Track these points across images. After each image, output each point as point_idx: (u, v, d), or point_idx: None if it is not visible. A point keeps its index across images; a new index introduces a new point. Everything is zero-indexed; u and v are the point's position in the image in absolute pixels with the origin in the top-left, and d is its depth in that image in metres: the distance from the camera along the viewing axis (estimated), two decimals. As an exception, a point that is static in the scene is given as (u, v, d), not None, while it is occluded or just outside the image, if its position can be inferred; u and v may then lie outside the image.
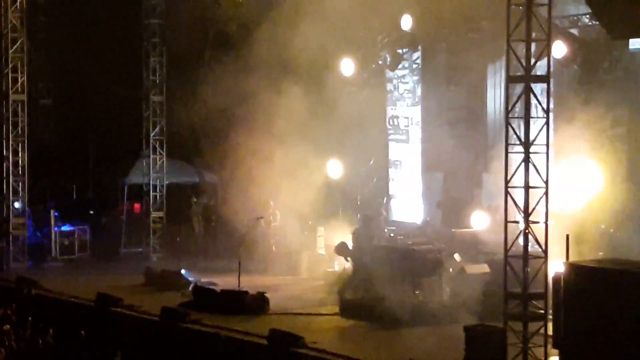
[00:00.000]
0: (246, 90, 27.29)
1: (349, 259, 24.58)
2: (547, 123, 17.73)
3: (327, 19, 25.29)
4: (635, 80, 23.27)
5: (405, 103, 28.81)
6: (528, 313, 17.51)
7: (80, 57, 34.11)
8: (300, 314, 22.33)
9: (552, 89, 18.16)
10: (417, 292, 21.64)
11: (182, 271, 26.18)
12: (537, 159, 17.67)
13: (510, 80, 18.07)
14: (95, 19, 33.85)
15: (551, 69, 18.10)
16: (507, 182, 17.74)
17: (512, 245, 17.68)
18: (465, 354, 17.42)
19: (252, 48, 26.90)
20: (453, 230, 24.84)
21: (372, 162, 29.29)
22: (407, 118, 28.79)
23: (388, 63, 27.60)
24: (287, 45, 25.66)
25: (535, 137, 17.61)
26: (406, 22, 25.79)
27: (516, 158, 17.72)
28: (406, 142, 28.82)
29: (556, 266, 17.66)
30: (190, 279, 25.57)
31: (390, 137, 29.24)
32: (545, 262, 17.57)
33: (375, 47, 27.43)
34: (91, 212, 34.30)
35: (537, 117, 17.78)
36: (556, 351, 17.13)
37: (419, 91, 28.55)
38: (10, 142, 29.63)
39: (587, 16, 23.50)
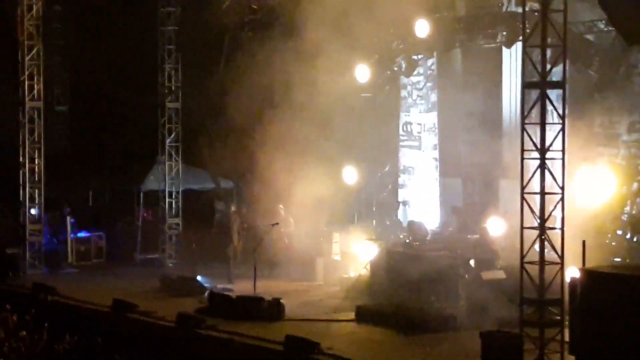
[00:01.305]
0: (261, 97, 27.33)
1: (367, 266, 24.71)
2: (563, 129, 17.71)
3: (341, 25, 25.29)
4: (651, 86, 23.26)
5: (418, 109, 28.78)
6: (544, 319, 17.48)
7: (96, 64, 34.23)
8: (316, 320, 22.33)
9: (567, 95, 18.11)
10: (433, 298, 21.62)
11: (198, 277, 26.24)
12: (553, 165, 17.67)
13: (525, 86, 18.07)
14: (111, 26, 33.96)
15: (567, 75, 18.09)
16: (523, 188, 17.72)
17: (528, 251, 17.66)
18: (482, 360, 17.41)
19: (266, 54, 26.93)
20: (469, 236, 24.81)
21: (387, 168, 29.27)
22: (420, 124, 28.76)
23: (403, 69, 27.58)
24: (302, 52, 25.67)
25: (551, 143, 17.60)
26: (421, 29, 25.76)
27: (533, 164, 17.72)
28: (418, 148, 28.79)
29: (572, 272, 17.65)
30: (205, 285, 25.63)
31: (403, 143, 29.21)
32: (562, 268, 17.54)
33: (390, 54, 27.41)
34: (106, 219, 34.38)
35: (553, 123, 17.76)
36: (572, 357, 17.10)
37: (432, 97, 28.51)
38: (27, 149, 29.73)
39: (603, 22, 23.45)
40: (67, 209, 31.89)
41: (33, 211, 29.86)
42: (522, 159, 17.83)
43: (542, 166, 17.54)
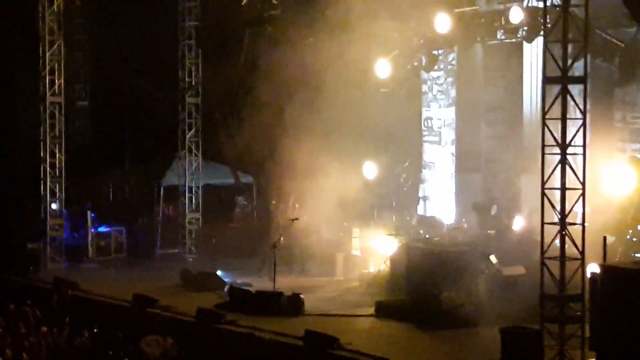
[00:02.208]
0: (281, 92, 27.31)
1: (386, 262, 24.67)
2: (584, 124, 17.65)
3: (361, 20, 25.25)
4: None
5: (439, 104, 28.71)
6: (565, 315, 17.43)
7: (116, 59, 34.28)
8: (336, 315, 22.34)
9: (588, 90, 18.03)
10: (452, 293, 21.54)
11: (218, 272, 26.27)
12: (575, 160, 17.61)
13: (546, 81, 17.99)
14: (132, 21, 33.98)
15: (588, 70, 18.01)
16: (543, 183, 17.66)
17: (548, 247, 17.60)
18: (502, 356, 17.37)
19: (286, 50, 26.90)
20: (489, 231, 24.75)
21: (407, 163, 29.22)
22: (440, 120, 28.69)
23: (423, 64, 27.51)
24: (322, 47, 25.65)
25: (572, 138, 17.53)
26: (442, 24, 25.68)
27: (554, 159, 17.66)
28: (438, 143, 28.73)
29: (593, 268, 17.59)
30: (225, 279, 25.66)
31: (425, 138, 29.14)
32: (582, 263, 17.48)
33: (411, 48, 27.32)
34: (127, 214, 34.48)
35: (575, 118, 17.69)
36: (593, 353, 17.04)
37: (452, 92, 28.42)
38: (48, 144, 29.85)
39: (625, 16, 23.31)
40: (87, 204, 32.01)
41: (54, 206, 29.98)
42: (543, 154, 17.77)
43: (563, 161, 17.48)
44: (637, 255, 21.62)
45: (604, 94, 23.83)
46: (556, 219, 17.58)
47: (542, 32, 18.31)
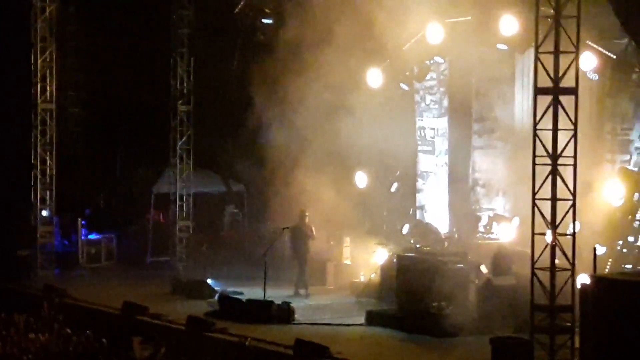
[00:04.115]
0: (272, 100, 27.34)
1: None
2: (575, 135, 17.69)
3: (353, 29, 25.29)
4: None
5: (432, 114, 28.73)
6: (555, 325, 17.45)
7: (109, 66, 34.29)
8: (326, 324, 22.33)
9: (579, 101, 18.07)
10: (443, 303, 21.57)
11: (208, 280, 26.26)
12: (565, 171, 17.64)
13: (538, 92, 18.03)
14: (125, 28, 34.00)
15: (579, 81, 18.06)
16: (534, 193, 17.70)
17: (539, 257, 17.63)
18: (492, 366, 17.37)
19: (278, 58, 26.94)
20: (479, 241, 24.77)
21: (398, 173, 29.23)
22: (433, 129, 28.71)
23: (415, 74, 27.54)
24: (314, 55, 25.69)
25: (563, 148, 17.58)
26: (434, 33, 25.72)
27: (544, 170, 17.69)
28: (432, 153, 28.76)
29: (583, 278, 17.62)
30: (216, 288, 25.66)
31: (419, 148, 29.16)
32: (573, 274, 17.51)
33: (403, 58, 27.36)
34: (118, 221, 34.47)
35: (565, 129, 17.74)
36: (583, 364, 17.08)
37: (445, 102, 28.46)
38: (39, 151, 29.83)
39: (618, 28, 23.39)
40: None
41: (44, 213, 29.93)
42: (534, 164, 17.81)
43: (554, 172, 17.52)
44: (627, 266, 21.68)
45: (595, 104, 23.87)
46: (545, 229, 17.61)
47: (533, 43, 18.31)
